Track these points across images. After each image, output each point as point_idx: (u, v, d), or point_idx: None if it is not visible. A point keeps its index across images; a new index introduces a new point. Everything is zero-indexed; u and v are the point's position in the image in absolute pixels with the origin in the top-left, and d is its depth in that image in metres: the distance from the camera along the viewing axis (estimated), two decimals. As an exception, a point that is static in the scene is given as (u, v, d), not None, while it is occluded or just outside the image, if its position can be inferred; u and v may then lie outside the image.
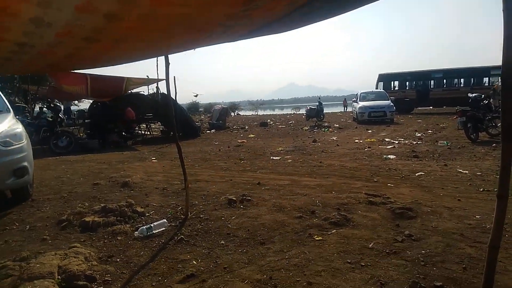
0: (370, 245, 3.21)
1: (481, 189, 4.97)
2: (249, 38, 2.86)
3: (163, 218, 4.12)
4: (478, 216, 3.82)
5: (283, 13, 2.02)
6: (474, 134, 9.65)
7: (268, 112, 56.19)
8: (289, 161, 7.89)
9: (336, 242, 3.33)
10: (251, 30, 2.45)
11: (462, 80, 23.36)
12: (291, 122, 22.02)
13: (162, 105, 12.91)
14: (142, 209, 4.49)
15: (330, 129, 15.73)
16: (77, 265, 2.89)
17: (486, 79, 22.34)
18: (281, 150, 9.64)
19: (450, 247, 3.08)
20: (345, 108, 39.48)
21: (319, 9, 2.06)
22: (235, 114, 42.88)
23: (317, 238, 3.44)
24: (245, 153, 9.44)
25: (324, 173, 6.44)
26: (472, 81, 22.87)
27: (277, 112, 51.27)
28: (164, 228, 3.87)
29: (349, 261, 2.92)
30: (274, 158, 8.36)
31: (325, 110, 23.16)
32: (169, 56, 4.13)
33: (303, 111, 31.22)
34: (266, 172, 6.71)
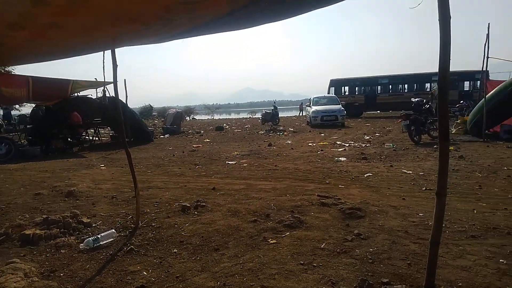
0: (322, 246, 3.29)
1: (424, 188, 5.30)
2: (191, 35, 2.82)
3: (112, 228, 3.93)
4: (421, 214, 4.06)
5: (225, 11, 2.01)
6: (417, 137, 10.32)
7: (225, 116, 56.05)
8: (244, 165, 7.89)
9: (289, 244, 3.37)
10: (193, 27, 2.41)
11: (406, 85, 24.98)
12: (247, 126, 22.11)
13: (111, 109, 12.37)
14: (89, 220, 4.24)
15: (285, 133, 16.00)
16: (15, 282, 2.66)
17: (428, 85, 24.06)
18: (237, 155, 9.63)
19: (396, 244, 3.25)
20: (301, 112, 40.51)
21: (262, 10, 2.08)
22: (191, 118, 42.23)
23: (271, 242, 3.45)
24: (200, 158, 9.30)
25: (279, 176, 6.52)
26: (415, 86, 24.53)
27: (233, 116, 51.30)
28: (112, 239, 3.68)
29: (302, 262, 2.97)
30: (229, 162, 8.32)
31: (281, 114, 23.55)
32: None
33: (259, 115, 31.53)
34: (221, 177, 6.66)
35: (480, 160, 7.38)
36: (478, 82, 19.75)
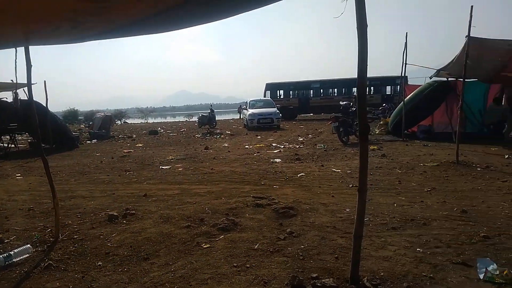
0: (256, 246, 3.30)
1: (350, 185, 5.62)
2: (109, 37, 2.66)
3: (27, 243, 3.53)
4: (348, 210, 4.29)
5: (141, 15, 1.92)
6: (346, 137, 10.96)
7: (160, 119, 54.21)
8: (179, 169, 7.68)
9: (223, 247, 3.33)
10: (108, 29, 2.27)
11: (335, 89, 26.53)
12: (183, 129, 21.63)
13: (27, 114, 11.23)
14: (0, 235, 3.78)
15: (222, 136, 15.96)
16: None
17: (355, 89, 25.78)
18: (172, 159, 9.34)
19: (325, 240, 3.38)
20: (241, 115, 40.89)
21: (186, 13, 2.03)
22: (122, 122, 40.17)
23: (204, 246, 3.38)
24: (131, 163, 8.84)
25: (215, 179, 6.44)
26: (343, 90, 26.15)
27: (169, 119, 49.85)
28: (27, 255, 3.32)
29: (236, 264, 2.94)
30: (163, 167, 8.03)
31: (218, 118, 23.47)
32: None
33: (196, 118, 31.06)
34: (154, 183, 6.39)
35: (400, 157, 8.05)
36: (398, 86, 21.68)
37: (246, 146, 11.55)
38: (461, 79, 7.57)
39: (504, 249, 3.08)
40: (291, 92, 27.37)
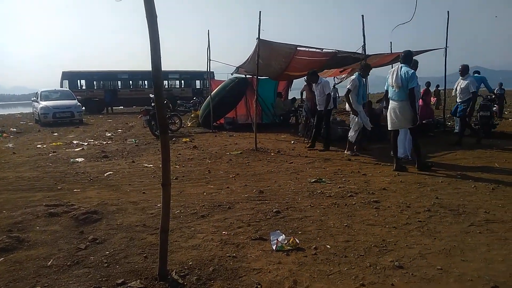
0: (49, 263, 2.78)
1: (162, 179, 5.55)
2: None
3: None
4: (159, 205, 4.15)
5: None
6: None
7: None
8: None
9: (4, 272, 2.65)
10: None
11: (146, 81, 25.72)
12: None
13: None
14: None
15: (5, 134, 12.94)
16: None
17: (165, 82, 25.70)
18: None
19: (134, 240, 3.18)
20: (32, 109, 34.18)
21: None
22: None
23: (-28, 278, 2.60)
24: None
25: (-8, 189, 5.12)
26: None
27: None
28: None
29: (19, 292, 2.39)
30: None
31: (1, 112, 18.88)
32: None
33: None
34: None
35: (209, 148, 8.54)
36: (208, 81, 22.98)
37: (39, 146, 9.75)
38: (256, 76, 8.65)
39: (291, 220, 3.67)
40: (95, 82, 24.86)
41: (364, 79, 7.37)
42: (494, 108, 9.33)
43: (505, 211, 3.74)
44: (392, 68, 5.96)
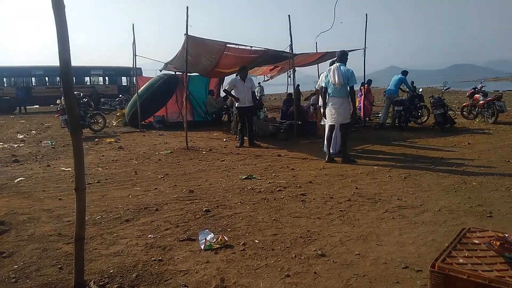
0: None
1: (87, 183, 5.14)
2: None
3: None
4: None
5: None
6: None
7: None
8: None
9: None
10: None
11: (65, 78, 23.60)
12: None
13: None
14: None
15: None
16: None
17: (87, 78, 23.89)
18: None
19: (47, 251, 2.90)
20: None
21: None
22: None
23: None
24: None
25: None
26: (74, 80, 23.67)
27: None
28: None
29: None
30: None
31: None
32: None
33: None
34: None
35: (137, 148, 8.13)
36: (135, 78, 21.87)
37: None
38: (185, 73, 8.45)
39: (221, 218, 3.65)
40: (5, 79, 22.18)
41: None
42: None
43: (415, 198, 4.15)
44: (330, 66, 6.23)
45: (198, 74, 11.61)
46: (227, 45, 8.59)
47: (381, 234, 3.16)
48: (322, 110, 6.42)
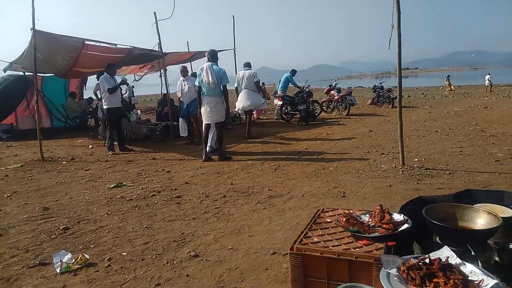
0: None
1: None
2: None
3: None
4: None
5: None
6: None
7: None
8: None
9: None
10: None
11: None
12: None
13: None
14: None
15: None
16: None
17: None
18: None
19: None
20: None
21: None
22: None
23: None
24: None
25: None
26: None
27: None
28: None
29: None
30: None
31: None
32: None
33: None
34: None
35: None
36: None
37: None
38: (38, 74, 7.28)
39: (82, 234, 3.24)
40: None
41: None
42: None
43: (283, 187, 4.45)
44: (203, 66, 6.11)
45: (53, 74, 10.19)
46: (86, 42, 7.73)
47: (253, 225, 3.27)
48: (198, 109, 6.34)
